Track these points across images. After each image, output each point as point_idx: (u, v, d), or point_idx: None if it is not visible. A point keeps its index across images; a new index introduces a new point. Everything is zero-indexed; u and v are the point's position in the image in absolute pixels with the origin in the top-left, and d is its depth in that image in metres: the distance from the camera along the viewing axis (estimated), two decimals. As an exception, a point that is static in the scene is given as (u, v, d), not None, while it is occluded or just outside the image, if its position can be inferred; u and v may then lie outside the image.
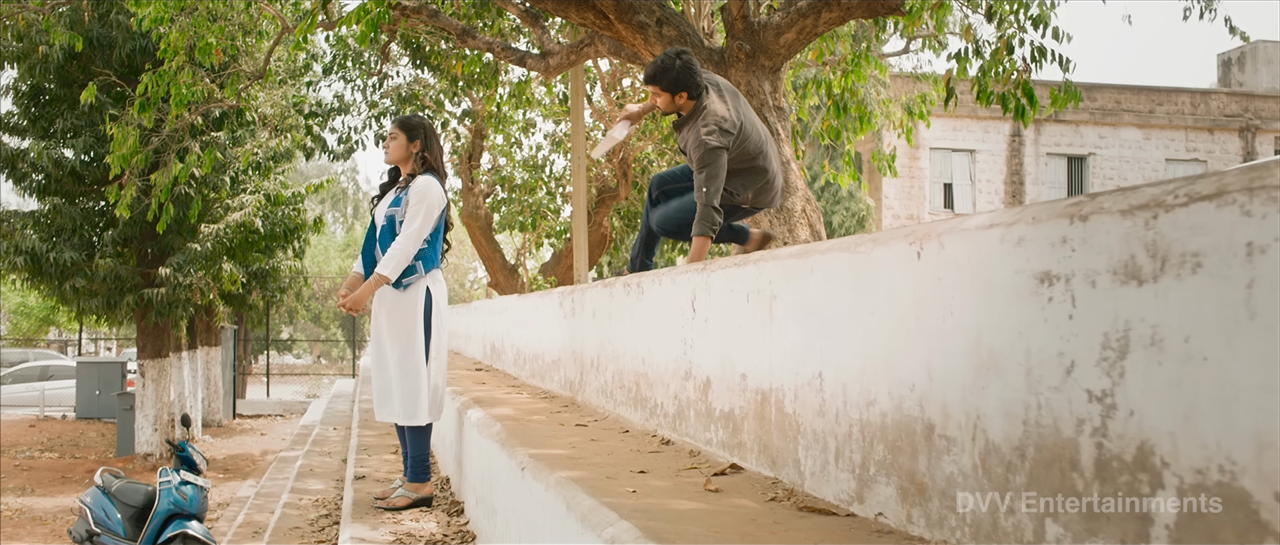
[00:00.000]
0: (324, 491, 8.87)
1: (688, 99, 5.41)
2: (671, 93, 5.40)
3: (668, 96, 5.42)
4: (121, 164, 10.57)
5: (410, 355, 4.99)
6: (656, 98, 5.48)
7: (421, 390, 4.98)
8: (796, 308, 2.75)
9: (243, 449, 19.94)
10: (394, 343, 5.02)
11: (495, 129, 17.18)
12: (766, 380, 2.92)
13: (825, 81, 11.74)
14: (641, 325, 4.26)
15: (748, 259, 3.10)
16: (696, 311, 3.52)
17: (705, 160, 5.21)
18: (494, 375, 8.09)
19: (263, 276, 21.20)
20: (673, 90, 5.39)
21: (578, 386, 5.49)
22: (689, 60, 5.38)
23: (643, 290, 4.22)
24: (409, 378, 4.99)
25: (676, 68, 5.35)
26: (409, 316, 5.01)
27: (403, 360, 4.99)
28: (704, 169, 5.21)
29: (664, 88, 5.42)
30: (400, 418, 5.04)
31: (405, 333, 5.01)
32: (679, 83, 5.35)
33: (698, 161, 5.24)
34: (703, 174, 5.22)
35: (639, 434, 4.02)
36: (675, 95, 5.40)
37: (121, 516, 9.45)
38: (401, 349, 5.00)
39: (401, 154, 5.18)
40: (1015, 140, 31.59)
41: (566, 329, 5.74)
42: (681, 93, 5.39)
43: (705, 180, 5.20)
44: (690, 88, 5.38)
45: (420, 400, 4.99)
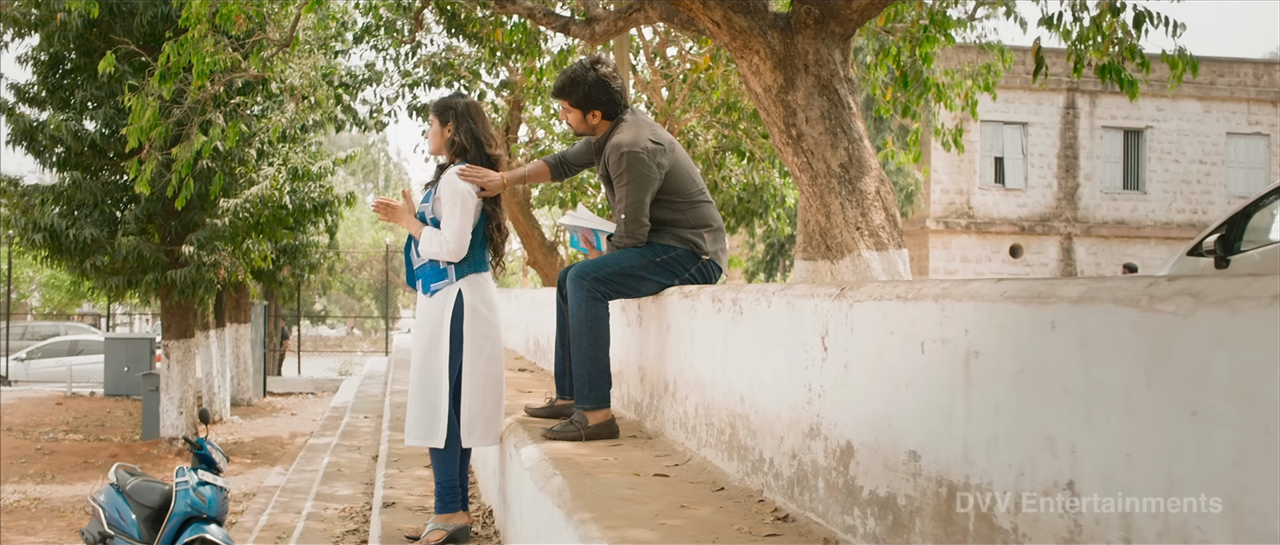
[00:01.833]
0: (351, 498, 8.12)
1: (602, 119, 4.53)
2: (582, 109, 4.52)
3: (578, 114, 4.54)
4: (139, 137, 9.91)
5: (429, 367, 4.33)
6: (567, 114, 4.61)
7: (439, 407, 4.31)
8: (1018, 375, 1.88)
9: (272, 430, 19.30)
10: (415, 352, 4.38)
11: (534, 100, 16.34)
12: (955, 469, 2.06)
13: (892, 51, 10.82)
14: (738, 353, 3.40)
15: (921, 290, 2.23)
16: (829, 351, 2.65)
17: (626, 164, 4.31)
18: (540, 377, 7.25)
19: (292, 252, 20.53)
20: (584, 107, 4.51)
21: (646, 410, 4.64)
22: (606, 74, 4.47)
23: (740, 310, 3.35)
24: (427, 392, 4.33)
25: (589, 81, 4.47)
26: (432, 324, 4.34)
27: (421, 372, 4.35)
28: (625, 175, 4.32)
29: (573, 103, 4.53)
30: (416, 436, 4.36)
31: (426, 340, 4.34)
32: (590, 98, 4.48)
33: (618, 171, 4.34)
34: (625, 181, 4.32)
35: (739, 494, 3.17)
36: (587, 113, 4.52)
37: (136, 518, 8.79)
38: (420, 359, 4.35)
39: (438, 143, 4.50)
40: (1069, 113, 30.42)
41: (629, 340, 4.88)
42: (594, 110, 4.51)
43: (628, 186, 4.31)
44: (604, 105, 4.50)
45: (437, 419, 4.31)
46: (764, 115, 7.93)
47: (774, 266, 30.43)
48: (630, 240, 4.38)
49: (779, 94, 7.81)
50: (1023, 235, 29.97)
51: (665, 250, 4.41)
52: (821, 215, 7.92)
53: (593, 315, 4.33)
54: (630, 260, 4.40)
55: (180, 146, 10.75)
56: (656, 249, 4.41)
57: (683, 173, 4.46)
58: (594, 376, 4.30)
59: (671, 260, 4.41)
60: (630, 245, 4.38)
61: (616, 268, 4.40)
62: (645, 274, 4.41)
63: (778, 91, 7.80)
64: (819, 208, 7.95)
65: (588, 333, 4.31)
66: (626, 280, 4.41)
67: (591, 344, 4.31)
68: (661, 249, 4.41)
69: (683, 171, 4.46)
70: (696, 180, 4.52)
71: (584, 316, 4.32)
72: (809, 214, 8.30)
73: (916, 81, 10.58)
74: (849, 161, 7.89)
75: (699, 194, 4.50)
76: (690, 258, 4.44)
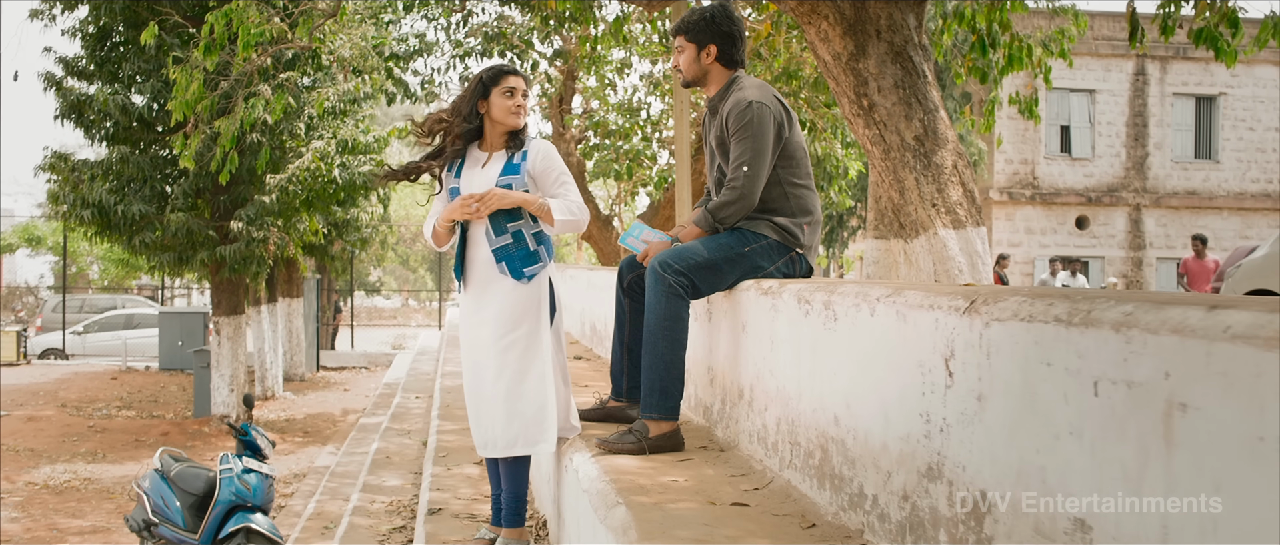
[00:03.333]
0: (399, 491, 7.75)
1: (717, 61, 3.99)
2: (698, 44, 3.98)
3: (692, 50, 3.99)
4: (184, 110, 9.62)
5: (532, 362, 3.81)
6: (679, 55, 4.05)
7: (547, 408, 3.80)
8: (1257, 445, 1.39)
9: (324, 407, 19.09)
10: (499, 346, 3.80)
11: (588, 70, 15.84)
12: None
13: (966, 13, 10.21)
14: (830, 365, 2.92)
15: (1090, 313, 1.73)
16: (956, 378, 2.17)
17: (752, 117, 3.78)
18: (597, 367, 6.79)
19: (344, 226, 20.25)
20: (700, 41, 3.97)
21: (716, 417, 4.16)
22: (732, 12, 3.95)
23: (834, 315, 2.87)
24: (530, 392, 3.79)
25: (711, 13, 3.95)
26: (530, 313, 3.84)
27: (522, 370, 3.80)
28: (748, 129, 3.78)
29: (691, 36, 3.99)
30: (522, 443, 3.81)
31: (524, 333, 3.81)
32: (711, 30, 3.95)
33: (739, 125, 3.80)
34: (746, 135, 3.78)
35: (835, 534, 2.69)
36: (702, 48, 3.97)
37: (181, 505, 8.52)
38: (519, 355, 3.80)
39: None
40: (1139, 79, 29.39)
41: (696, 335, 4.38)
42: (710, 46, 3.97)
43: (750, 141, 3.78)
44: (722, 41, 3.96)
45: (545, 421, 3.80)
46: (833, 85, 7.40)
47: (833, 238, 29.74)
48: (738, 206, 3.81)
49: (849, 62, 7.27)
50: (1089, 206, 29.06)
51: (757, 238, 3.87)
52: (895, 191, 7.39)
53: (673, 314, 3.78)
54: (719, 248, 3.84)
55: (225, 119, 10.46)
56: (747, 236, 3.87)
57: (798, 149, 3.94)
58: (666, 383, 3.78)
59: (761, 250, 3.87)
60: (734, 212, 3.83)
61: (704, 257, 3.82)
62: (733, 266, 3.85)
63: (847, 59, 7.26)
64: (892, 183, 7.43)
65: (665, 333, 3.77)
66: (711, 273, 3.84)
67: (668, 346, 3.77)
68: (753, 236, 3.87)
69: (799, 148, 3.94)
70: (807, 163, 3.99)
71: (663, 314, 3.77)
72: (881, 189, 7.79)
73: (997, 49, 9.98)
74: (924, 133, 7.35)
75: (807, 178, 3.97)
76: (780, 250, 3.90)
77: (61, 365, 24.92)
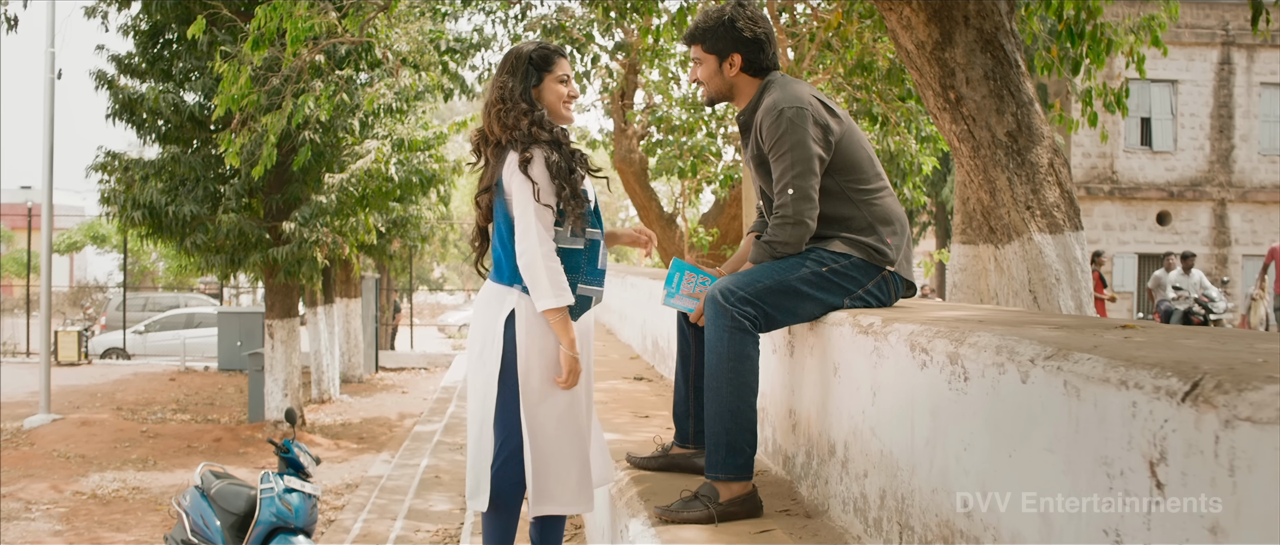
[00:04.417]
0: (445, 518, 7.21)
1: (742, 72, 3.32)
2: (718, 55, 3.33)
3: (713, 62, 3.34)
4: (230, 106, 9.25)
5: (587, 404, 3.46)
6: (697, 68, 3.39)
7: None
8: None
9: (381, 411, 18.67)
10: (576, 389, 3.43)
11: (651, 64, 15.23)
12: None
13: (1053, 2, 9.47)
14: (957, 437, 2.27)
15: None
16: (1168, 490, 1.52)
17: (786, 126, 3.12)
18: (658, 390, 6.15)
19: (402, 224, 19.84)
20: (721, 51, 3.32)
21: (800, 471, 3.50)
22: (752, 14, 3.29)
23: (964, 374, 2.21)
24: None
25: (727, 17, 3.29)
26: (589, 341, 3.54)
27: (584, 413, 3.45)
28: (785, 140, 3.13)
29: (707, 47, 3.34)
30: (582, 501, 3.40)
31: (587, 368, 3.46)
32: (729, 38, 3.30)
33: (774, 137, 3.15)
34: (784, 147, 3.13)
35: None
36: (724, 60, 3.32)
37: (220, 524, 8.07)
38: (586, 395, 3.46)
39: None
40: (1223, 69, 28.17)
41: (775, 370, 3.74)
42: (733, 55, 3.31)
43: (790, 153, 3.13)
44: (745, 49, 3.30)
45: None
46: (916, 77, 6.70)
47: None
48: (793, 232, 3.15)
49: (934, 51, 6.56)
50: (1171, 201, 27.91)
51: (835, 258, 3.19)
52: (985, 192, 6.66)
53: (737, 351, 3.10)
54: (788, 271, 3.18)
55: (271, 115, 10.06)
56: (822, 256, 3.19)
57: (857, 149, 3.25)
58: (734, 437, 3.10)
59: (842, 271, 3.19)
60: (791, 240, 3.16)
61: (770, 282, 3.15)
62: (809, 291, 3.18)
63: (932, 48, 6.55)
64: (982, 183, 6.70)
65: (729, 376, 3.10)
66: (784, 299, 3.16)
67: (733, 392, 3.10)
68: (830, 257, 3.19)
69: (857, 148, 3.25)
70: (874, 162, 3.31)
71: (725, 353, 3.10)
72: (969, 190, 7.06)
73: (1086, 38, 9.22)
74: (1017, 129, 6.62)
75: (877, 179, 3.28)
76: (868, 270, 3.21)
77: (121, 365, 24.80)
